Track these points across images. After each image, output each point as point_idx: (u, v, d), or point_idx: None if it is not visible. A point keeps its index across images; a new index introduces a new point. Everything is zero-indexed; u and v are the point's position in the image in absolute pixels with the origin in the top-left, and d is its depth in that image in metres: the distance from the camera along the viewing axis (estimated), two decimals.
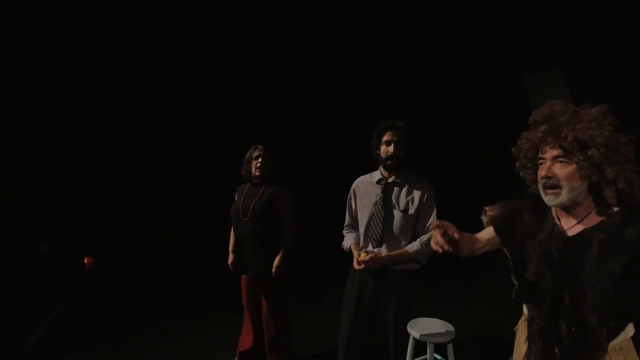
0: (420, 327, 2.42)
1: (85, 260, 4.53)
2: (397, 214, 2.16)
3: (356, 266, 2.16)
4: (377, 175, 2.28)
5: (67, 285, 4.37)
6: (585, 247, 1.18)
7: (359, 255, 2.13)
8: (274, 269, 2.55)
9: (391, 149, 2.15)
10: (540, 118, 1.25)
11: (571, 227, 1.24)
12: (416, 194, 2.17)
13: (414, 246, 2.14)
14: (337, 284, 2.41)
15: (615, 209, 1.18)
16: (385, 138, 2.18)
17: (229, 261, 2.78)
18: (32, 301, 4.01)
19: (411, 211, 2.15)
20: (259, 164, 2.64)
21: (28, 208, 4.42)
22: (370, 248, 2.20)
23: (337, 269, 2.72)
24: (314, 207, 5.09)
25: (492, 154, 3.56)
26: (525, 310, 1.36)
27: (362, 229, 2.26)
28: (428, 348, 2.36)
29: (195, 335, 3.41)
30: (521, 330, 1.41)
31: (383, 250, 2.16)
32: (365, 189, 2.29)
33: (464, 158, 5.82)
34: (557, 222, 1.28)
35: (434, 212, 2.20)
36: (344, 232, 2.45)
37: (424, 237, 2.15)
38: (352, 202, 2.37)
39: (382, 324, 2.17)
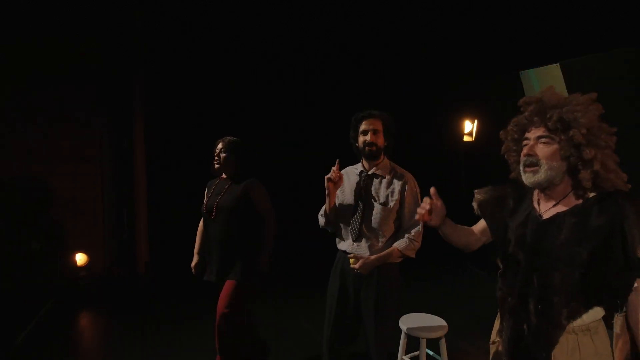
0: (412, 322, 2.39)
1: (78, 258, 4.47)
2: (376, 207, 2.11)
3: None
4: (359, 166, 2.25)
5: (58, 284, 4.31)
6: (555, 231, 1.23)
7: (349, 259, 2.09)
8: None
9: (368, 137, 2.12)
10: (531, 100, 1.31)
11: (547, 210, 1.29)
12: (397, 185, 2.12)
13: (402, 242, 2.09)
14: (325, 278, 2.36)
15: (591, 194, 1.22)
16: (362, 128, 2.15)
17: (192, 264, 2.64)
18: (22, 299, 3.96)
19: (391, 204, 2.10)
20: (216, 158, 2.51)
21: (19, 206, 4.35)
22: (350, 241, 2.16)
23: (325, 262, 2.66)
24: (296, 201, 5.03)
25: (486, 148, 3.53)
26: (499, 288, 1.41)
27: (340, 220, 2.22)
28: (420, 343, 2.32)
29: (183, 337, 3.33)
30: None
31: (362, 244, 2.12)
32: (349, 179, 2.26)
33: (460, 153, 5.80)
34: (536, 206, 1.33)
35: (419, 205, 2.13)
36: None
37: (412, 232, 2.10)
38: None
39: (364, 314, 2.13)
